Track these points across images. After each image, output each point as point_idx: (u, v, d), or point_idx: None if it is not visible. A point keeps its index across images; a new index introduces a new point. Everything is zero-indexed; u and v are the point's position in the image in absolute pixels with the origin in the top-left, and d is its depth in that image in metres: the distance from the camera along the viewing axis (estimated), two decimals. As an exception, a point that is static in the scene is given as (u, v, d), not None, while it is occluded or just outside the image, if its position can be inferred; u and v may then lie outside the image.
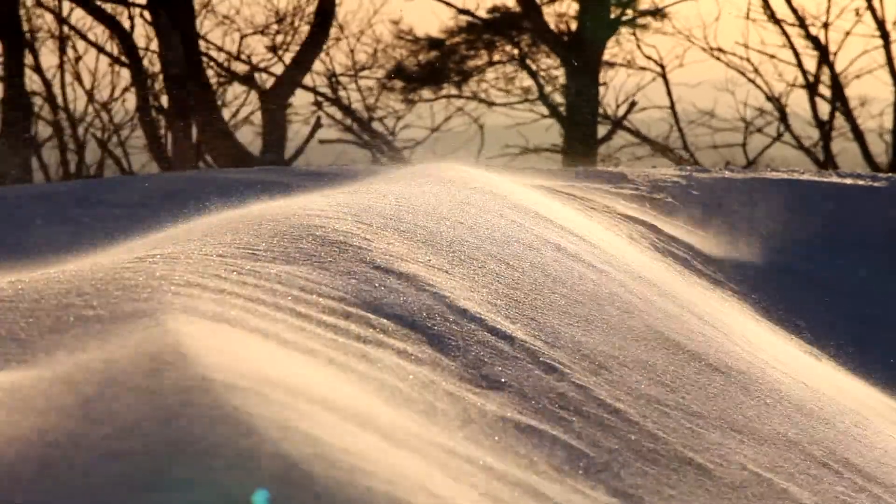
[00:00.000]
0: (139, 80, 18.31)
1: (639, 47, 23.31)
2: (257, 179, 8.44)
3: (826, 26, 22.97)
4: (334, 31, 22.43)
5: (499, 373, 3.62)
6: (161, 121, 18.57)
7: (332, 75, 23.09)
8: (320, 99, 22.80)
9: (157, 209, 7.07)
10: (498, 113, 23.64)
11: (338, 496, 2.38)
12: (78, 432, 2.47)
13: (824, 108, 23.25)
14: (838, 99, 23.10)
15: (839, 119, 23.20)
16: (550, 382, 3.70)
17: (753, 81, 23.57)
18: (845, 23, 30.19)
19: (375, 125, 23.31)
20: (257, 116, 20.59)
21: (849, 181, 10.04)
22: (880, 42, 23.02)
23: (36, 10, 21.21)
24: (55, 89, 21.99)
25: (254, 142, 19.92)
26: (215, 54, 21.44)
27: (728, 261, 8.33)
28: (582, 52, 20.46)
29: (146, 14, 18.09)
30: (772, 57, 23.39)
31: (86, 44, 21.58)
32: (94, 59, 22.30)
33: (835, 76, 23.06)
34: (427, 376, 3.39)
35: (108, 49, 21.29)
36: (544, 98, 22.61)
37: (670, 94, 23.54)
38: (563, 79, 21.98)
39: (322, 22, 17.78)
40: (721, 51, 23.55)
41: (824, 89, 23.20)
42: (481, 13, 22.66)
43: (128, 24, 19.38)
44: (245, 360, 2.90)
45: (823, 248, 9.00)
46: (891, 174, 10.35)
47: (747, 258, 8.49)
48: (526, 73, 22.99)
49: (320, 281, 3.82)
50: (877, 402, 6.10)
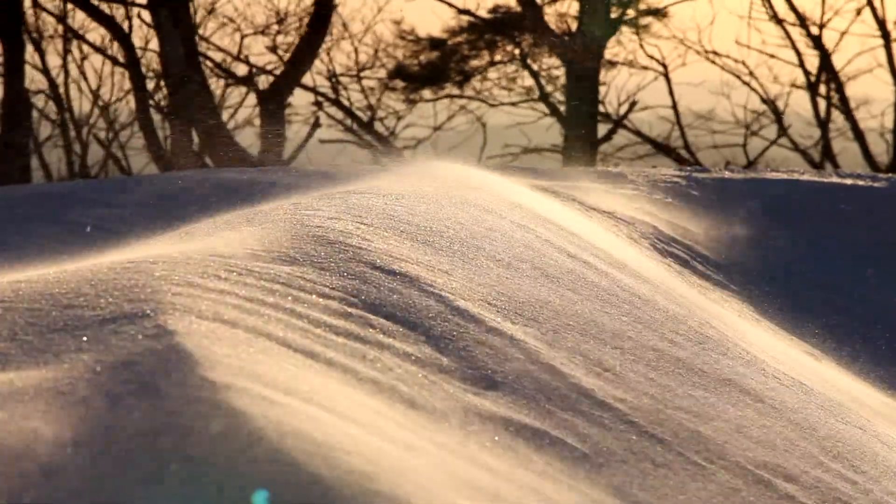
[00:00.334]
0: (138, 81, 18.31)
1: (641, 47, 23.31)
2: (257, 179, 8.44)
3: (824, 26, 22.97)
4: (336, 31, 22.45)
5: (499, 373, 3.62)
6: (161, 121, 18.57)
7: (333, 75, 23.10)
8: (320, 99, 22.81)
9: (157, 209, 7.07)
10: (499, 113, 23.66)
11: (338, 496, 2.38)
12: (78, 433, 2.47)
13: (825, 108, 23.27)
14: (838, 99, 23.10)
15: (840, 119, 23.21)
16: (550, 382, 3.70)
17: (748, 84, 23.56)
18: (845, 22, 30.22)
19: (376, 125, 23.31)
20: (257, 117, 20.59)
21: (849, 181, 10.04)
22: (880, 41, 23.04)
23: (40, 12, 21.23)
24: (59, 90, 22.01)
25: (254, 143, 19.92)
26: (215, 54, 21.47)
27: (728, 261, 8.33)
28: (582, 52, 20.46)
29: (146, 14, 18.11)
30: (772, 56, 23.40)
31: (91, 44, 21.61)
32: (101, 59, 22.29)
33: (835, 76, 23.06)
34: (427, 376, 3.39)
35: (110, 49, 21.32)
36: (545, 97, 22.62)
37: (672, 93, 23.53)
38: (563, 78, 21.98)
39: (320, 21, 17.78)
40: (716, 54, 23.55)
41: (824, 89, 23.20)
42: (482, 13, 22.68)
43: (126, 24, 19.41)
44: (245, 361, 2.90)
45: (823, 249, 9.01)
46: (891, 174, 10.35)
47: (747, 258, 8.49)
48: (527, 73, 23.00)
49: (320, 281, 3.82)
50: (877, 401, 6.10)
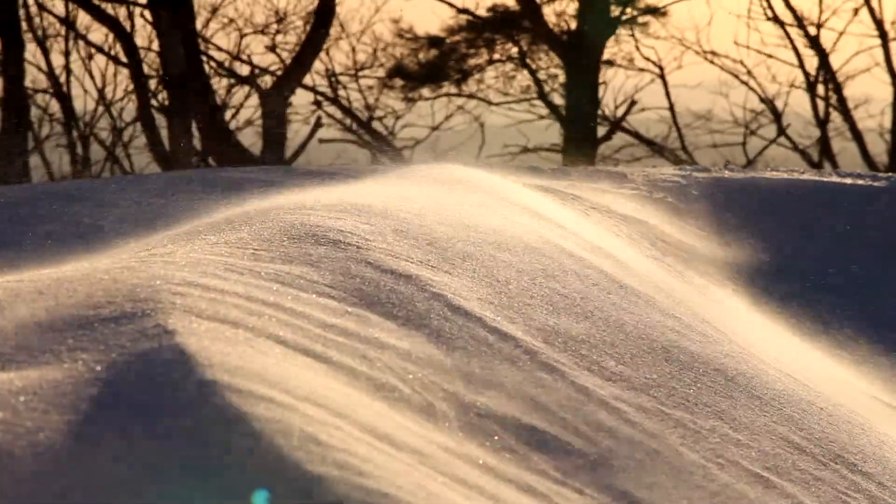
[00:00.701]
0: (140, 81, 18.31)
1: (637, 49, 23.32)
2: (257, 179, 8.44)
3: (822, 26, 22.98)
4: (335, 31, 22.45)
5: (499, 373, 3.62)
6: (162, 120, 18.58)
7: (332, 75, 23.10)
8: (320, 99, 22.81)
9: (158, 209, 7.07)
10: (498, 113, 23.65)
11: (337, 496, 2.38)
12: (78, 433, 2.47)
13: (823, 108, 23.27)
14: (837, 99, 23.11)
15: (839, 119, 23.21)
16: (550, 382, 3.70)
17: (747, 84, 23.58)
18: (843, 23, 30.24)
19: (375, 125, 23.32)
20: (258, 116, 20.60)
21: (849, 181, 10.04)
22: (878, 41, 23.05)
23: (43, 12, 21.23)
24: (62, 89, 22.00)
25: (255, 142, 19.93)
26: (216, 54, 21.47)
27: (727, 260, 8.34)
28: (582, 52, 20.47)
29: (146, 14, 18.11)
30: (769, 56, 23.41)
31: (93, 44, 21.61)
32: (104, 59, 22.27)
33: (833, 76, 23.06)
34: (427, 376, 3.39)
35: (113, 50, 21.32)
36: (544, 97, 22.62)
37: (669, 95, 23.54)
38: (562, 78, 21.98)
39: (322, 20, 17.78)
40: (714, 54, 23.57)
41: (822, 89, 23.21)
42: (481, 12, 22.68)
43: (128, 24, 19.41)
44: (245, 360, 2.90)
45: (823, 248, 9.01)
46: (891, 174, 10.35)
47: (747, 258, 8.49)
48: (526, 72, 23.00)
49: (320, 280, 3.82)
50: (876, 401, 6.10)
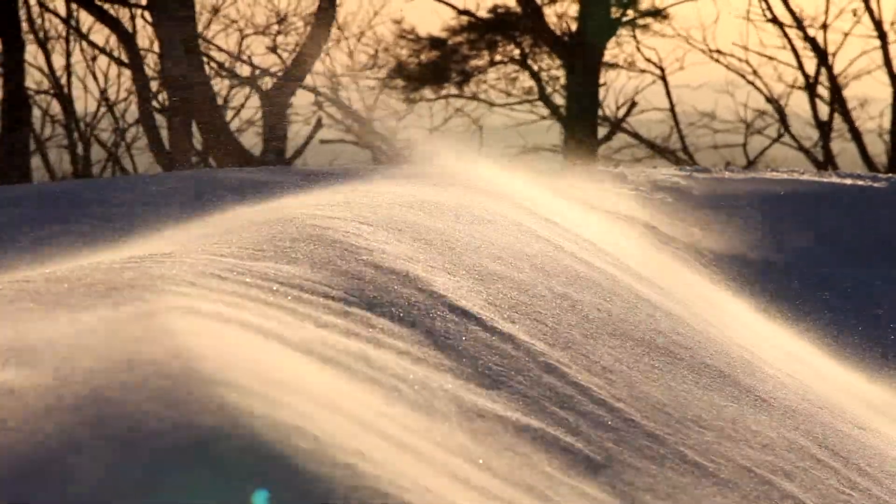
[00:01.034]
0: (141, 81, 18.31)
1: (638, 50, 23.33)
2: (257, 179, 8.44)
3: (824, 27, 22.98)
4: (335, 32, 22.45)
5: (499, 373, 3.62)
6: (162, 120, 18.57)
7: (333, 75, 23.11)
8: (320, 99, 22.81)
9: (158, 209, 7.07)
10: (498, 113, 23.66)
11: (337, 496, 2.38)
12: (78, 433, 2.47)
13: (824, 109, 23.29)
14: (837, 100, 23.11)
15: (838, 120, 23.22)
16: (550, 382, 3.70)
17: (753, 83, 23.60)
18: (843, 24, 30.23)
19: (376, 125, 23.32)
20: (258, 117, 20.61)
21: (848, 181, 10.04)
22: (878, 43, 23.05)
23: (45, 12, 21.26)
24: (64, 90, 22.03)
25: (255, 143, 19.94)
26: (216, 55, 21.47)
27: (728, 260, 8.34)
28: (582, 53, 20.46)
29: (147, 14, 18.10)
30: (770, 59, 23.42)
31: (94, 44, 21.63)
32: (106, 60, 22.30)
33: (833, 77, 23.06)
34: (427, 376, 3.39)
35: (116, 51, 21.33)
36: (545, 98, 22.62)
37: (670, 96, 23.55)
38: (563, 79, 21.99)
39: (324, 20, 17.78)
40: (720, 52, 23.59)
41: (823, 90, 23.22)
42: (483, 14, 22.69)
43: (130, 24, 19.42)
44: (245, 360, 2.90)
45: (823, 248, 9.01)
46: (890, 175, 10.35)
47: (747, 258, 8.49)
48: (527, 74, 23.00)
49: (320, 280, 3.82)
50: (878, 400, 6.10)
